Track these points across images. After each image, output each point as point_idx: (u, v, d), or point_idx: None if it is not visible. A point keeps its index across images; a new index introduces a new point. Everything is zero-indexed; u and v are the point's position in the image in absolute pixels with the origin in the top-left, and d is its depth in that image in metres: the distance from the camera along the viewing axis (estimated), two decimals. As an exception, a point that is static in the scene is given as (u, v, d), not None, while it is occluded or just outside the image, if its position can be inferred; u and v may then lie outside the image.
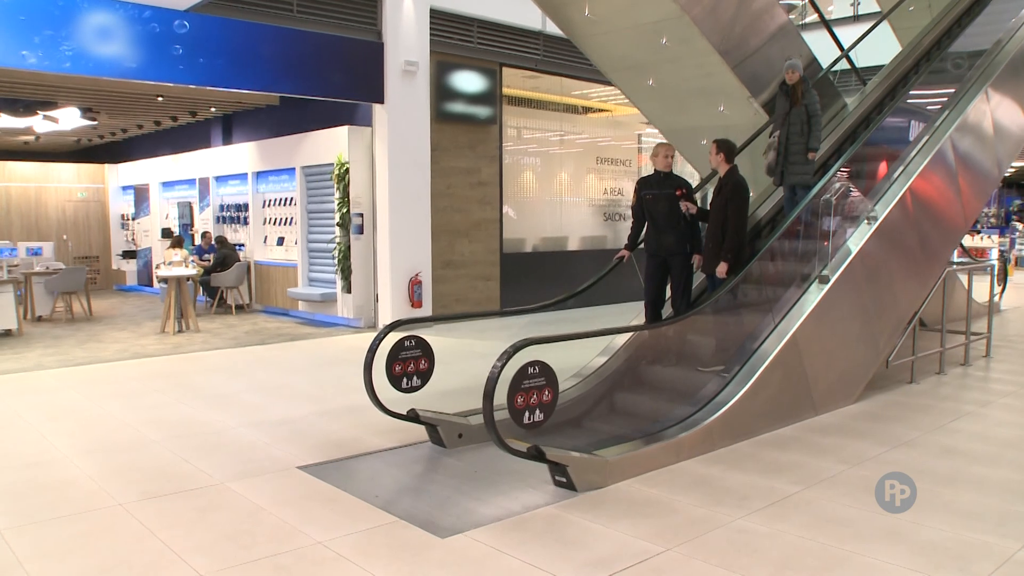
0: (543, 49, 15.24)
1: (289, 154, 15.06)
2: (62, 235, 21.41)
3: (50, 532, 4.93)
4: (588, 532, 4.81)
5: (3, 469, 6.14)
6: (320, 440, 6.79)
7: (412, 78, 12.89)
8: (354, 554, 4.52)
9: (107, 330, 13.62)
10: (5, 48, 9.58)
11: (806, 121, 8.50)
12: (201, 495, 5.54)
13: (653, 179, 7.80)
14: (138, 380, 9.47)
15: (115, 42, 10.42)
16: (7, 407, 8.16)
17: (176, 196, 19.47)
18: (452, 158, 13.95)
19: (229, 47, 11.29)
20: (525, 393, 5.24)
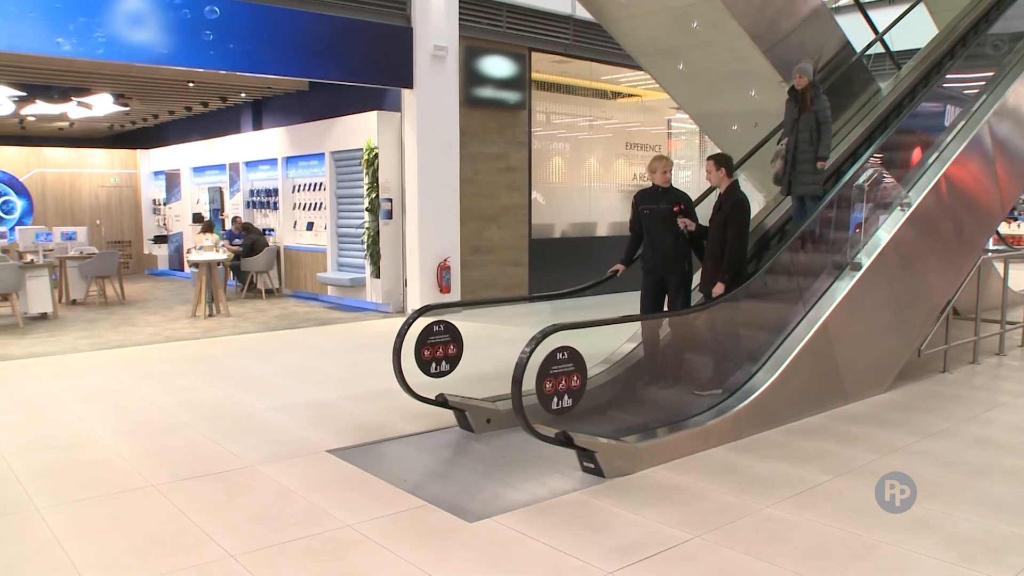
0: (573, 34, 15.16)
1: (318, 139, 15.12)
2: (95, 220, 21.64)
3: (85, 511, 5.01)
4: (616, 518, 4.81)
5: (40, 449, 6.25)
6: (349, 424, 6.84)
7: (441, 63, 12.87)
8: (382, 537, 4.56)
9: (139, 314, 13.78)
10: (41, 36, 9.71)
11: (815, 128, 8.19)
12: (232, 477, 5.60)
13: (651, 193, 7.54)
14: (170, 363, 9.58)
15: (147, 28, 10.51)
16: (43, 389, 8.28)
17: (207, 181, 19.61)
18: (481, 143, 13.94)
19: (259, 32, 11.33)
20: (554, 379, 5.24)
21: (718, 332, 7.42)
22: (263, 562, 4.25)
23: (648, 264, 7.53)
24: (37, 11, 9.62)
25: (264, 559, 4.28)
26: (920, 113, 9.70)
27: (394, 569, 4.17)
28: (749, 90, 9.81)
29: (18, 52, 10.26)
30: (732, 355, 7.25)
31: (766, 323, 7.47)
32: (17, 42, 9.70)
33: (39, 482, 5.53)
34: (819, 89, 8.32)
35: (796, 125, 8.29)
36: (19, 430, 6.80)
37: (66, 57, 10.22)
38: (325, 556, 4.34)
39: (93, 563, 4.28)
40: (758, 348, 7.11)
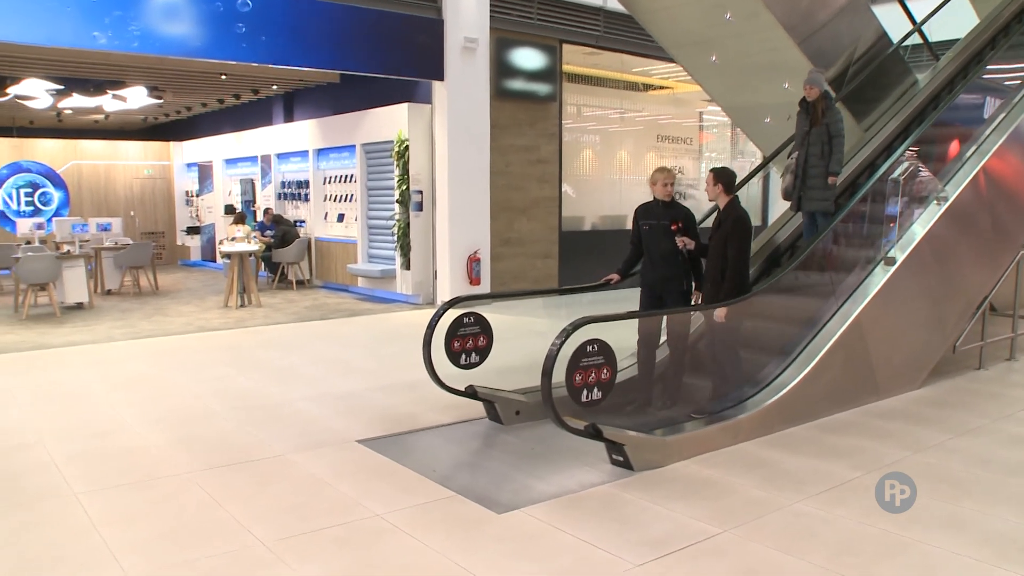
0: (604, 25, 15.09)
1: (349, 131, 15.17)
2: (130, 211, 21.90)
3: (120, 497, 5.09)
4: (644, 511, 4.80)
5: (76, 437, 6.34)
6: (379, 414, 6.88)
7: (472, 55, 12.86)
8: (412, 527, 4.58)
9: (172, 304, 13.92)
10: (77, 29, 9.84)
11: (827, 142, 7.86)
12: (263, 466, 5.65)
13: (652, 208, 7.12)
14: (202, 353, 9.67)
15: (180, 21, 10.61)
16: (78, 377, 8.40)
17: (239, 173, 19.75)
18: (511, 136, 13.93)
19: (291, 25, 11.39)
20: (583, 371, 5.24)
21: (729, 344, 7.01)
22: (294, 550, 4.29)
23: (647, 280, 7.15)
24: (74, 5, 9.75)
25: (295, 547, 4.33)
26: (959, 105, 9.51)
27: (423, 559, 4.20)
28: (783, 82, 9.69)
29: (56, 46, 10.39)
30: (740, 367, 7.00)
31: (797, 318, 7.42)
32: (55, 36, 9.84)
33: (76, 468, 5.61)
34: (832, 101, 8.08)
35: (807, 138, 7.99)
36: (56, 417, 6.91)
37: (102, 50, 10.36)
38: (355, 545, 4.37)
39: (128, 548, 4.34)
40: (787, 344, 7.06)
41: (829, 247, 7.74)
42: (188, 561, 4.19)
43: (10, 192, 20.78)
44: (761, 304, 7.37)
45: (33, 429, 6.59)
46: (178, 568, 4.11)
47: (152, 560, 4.21)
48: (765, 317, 7.54)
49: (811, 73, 8.07)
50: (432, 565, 4.13)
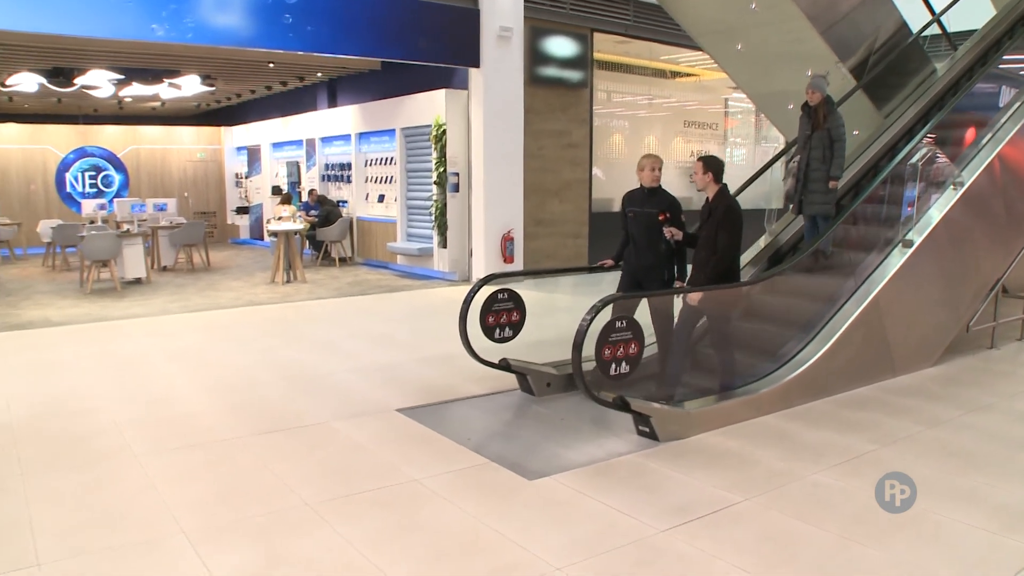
0: (633, 15, 14.94)
1: (390, 116, 15.17)
2: (184, 192, 22.09)
3: (176, 459, 5.16)
4: (669, 480, 4.79)
5: (135, 402, 6.44)
6: (417, 385, 6.90)
7: (507, 43, 12.79)
8: (448, 492, 4.61)
9: (223, 280, 14.05)
10: (137, 23, 9.93)
11: (828, 146, 7.66)
12: (308, 432, 5.70)
13: (637, 195, 6.71)
14: (251, 326, 9.76)
15: (231, 13, 10.66)
16: (137, 347, 8.51)
17: (285, 156, 19.83)
18: (544, 120, 13.85)
19: (335, 15, 11.38)
20: (612, 346, 5.22)
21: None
22: (336, 511, 4.33)
23: (629, 266, 6.76)
24: (134, 1, 9.85)
25: (337, 508, 4.36)
26: (975, 93, 9.34)
27: (458, 522, 4.22)
28: (805, 70, 9.52)
29: (118, 39, 10.53)
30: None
31: (817, 298, 7.35)
32: (117, 29, 9.95)
33: (136, 431, 5.70)
34: (833, 105, 7.88)
35: (809, 142, 7.80)
36: (118, 385, 7.01)
37: (159, 42, 10.43)
38: (394, 507, 4.40)
39: (184, 506, 4.41)
40: (807, 322, 7.00)
41: (849, 230, 7.65)
42: (239, 519, 4.24)
43: (76, 175, 21.06)
44: (782, 283, 7.33)
45: (97, 395, 6.69)
46: (230, 525, 4.17)
47: (206, 517, 4.27)
48: (785, 296, 7.49)
49: (813, 78, 7.89)
50: (467, 528, 4.15)
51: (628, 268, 6.76)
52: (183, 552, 3.89)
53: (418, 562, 3.78)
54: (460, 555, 3.85)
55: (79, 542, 4.01)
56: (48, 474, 4.94)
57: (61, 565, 3.78)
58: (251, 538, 4.03)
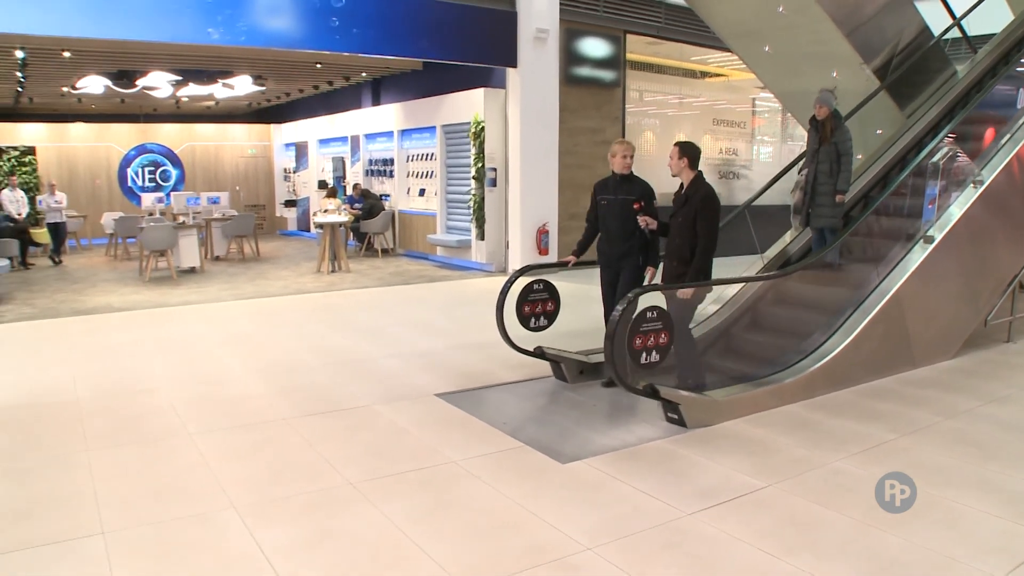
0: (664, 17, 14.80)
1: (431, 114, 15.19)
2: (235, 186, 22.32)
3: (229, 438, 5.22)
4: (696, 465, 4.76)
5: (190, 384, 6.52)
6: (455, 371, 6.92)
7: (543, 44, 12.74)
8: (484, 473, 4.61)
9: (272, 269, 14.17)
10: (194, 27, 10.08)
11: (835, 160, 7.45)
12: (352, 415, 5.74)
13: (610, 183, 6.37)
14: (298, 313, 9.83)
15: (282, 17, 10.76)
16: (192, 332, 8.62)
17: (331, 152, 19.94)
18: (578, 118, 13.78)
19: (379, 18, 11.41)
20: (643, 335, 5.19)
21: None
22: (378, 489, 4.35)
23: (603, 258, 6.40)
24: (192, 7, 9.99)
25: (379, 487, 4.39)
26: (995, 95, 9.15)
27: (494, 502, 4.22)
28: (831, 71, 9.41)
29: (177, 42, 10.67)
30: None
31: (839, 292, 7.28)
32: (176, 33, 10.10)
33: (190, 412, 5.77)
34: (841, 120, 7.65)
35: (816, 156, 7.59)
36: (173, 367, 7.11)
37: (215, 44, 10.55)
38: (433, 487, 4.42)
39: (235, 482, 4.46)
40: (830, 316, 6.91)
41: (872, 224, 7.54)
42: (286, 496, 4.28)
43: (136, 170, 21.36)
44: (805, 278, 7.25)
45: (155, 376, 6.79)
46: (278, 502, 4.21)
47: (255, 493, 4.31)
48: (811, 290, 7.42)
49: (821, 92, 7.68)
50: (502, 507, 4.15)
51: (603, 260, 6.43)
52: (233, 525, 3.94)
53: (455, 539, 3.79)
54: (495, 533, 3.86)
55: (138, 513, 4.08)
56: (110, 449, 5.03)
57: (122, 534, 3.85)
58: (297, 514, 4.07)
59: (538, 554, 3.65)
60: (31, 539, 3.80)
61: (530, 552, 3.67)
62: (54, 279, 12.98)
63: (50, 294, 11.32)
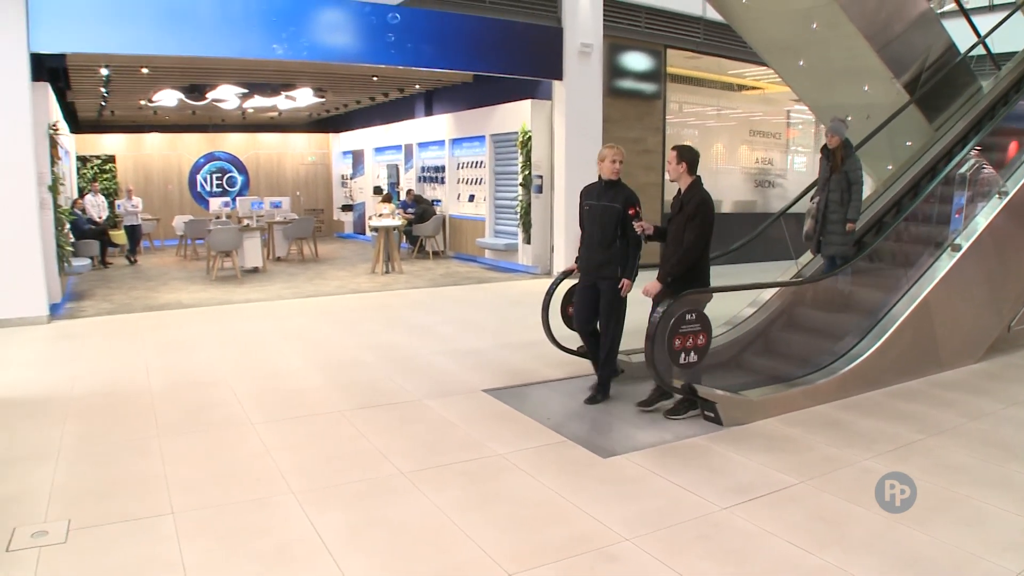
0: (703, 32, 14.67)
1: (480, 124, 15.23)
2: (296, 191, 22.60)
3: (289, 428, 5.29)
4: (731, 462, 4.71)
5: (253, 377, 6.63)
6: (502, 368, 6.92)
7: (587, 58, 12.71)
8: (528, 466, 4.61)
9: (329, 269, 14.32)
10: (260, 43, 10.25)
11: (846, 189, 7.19)
12: (403, 408, 5.78)
13: (594, 188, 5.93)
14: (354, 311, 9.93)
15: (342, 34, 10.89)
16: (255, 329, 8.75)
17: (386, 159, 20.08)
18: (621, 129, 13.72)
19: (432, 34, 11.48)
20: (682, 337, 5.16)
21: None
22: (428, 480, 4.38)
23: (582, 264, 5.95)
24: (259, 25, 10.16)
25: (429, 477, 4.41)
26: (1020, 109, 8.93)
27: (538, 494, 4.22)
28: (863, 85, 9.26)
29: (244, 58, 10.86)
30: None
31: (870, 297, 7.14)
32: (244, 49, 10.27)
33: (253, 403, 5.87)
34: (852, 149, 7.38)
35: (828, 184, 7.35)
36: (238, 361, 7.23)
37: (279, 59, 10.72)
38: (480, 478, 4.43)
39: (294, 470, 4.52)
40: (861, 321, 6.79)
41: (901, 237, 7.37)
42: (341, 484, 4.33)
43: (205, 176, 21.75)
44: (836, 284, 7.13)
45: (221, 368, 6.91)
46: (333, 489, 4.26)
47: (312, 481, 4.37)
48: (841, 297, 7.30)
49: (833, 122, 7.43)
50: (545, 499, 4.15)
51: (582, 267, 5.97)
52: (292, 510, 3.99)
53: (501, 528, 3.80)
54: (539, 523, 3.86)
55: (204, 496, 4.16)
56: (179, 436, 5.13)
57: (190, 515, 3.92)
58: (351, 501, 4.11)
59: (579, 544, 3.64)
60: (109, 516, 3.90)
61: (572, 542, 3.66)
62: (129, 277, 13.27)
63: (126, 291, 11.58)
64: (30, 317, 8.94)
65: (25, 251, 8.87)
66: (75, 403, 5.90)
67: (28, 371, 6.92)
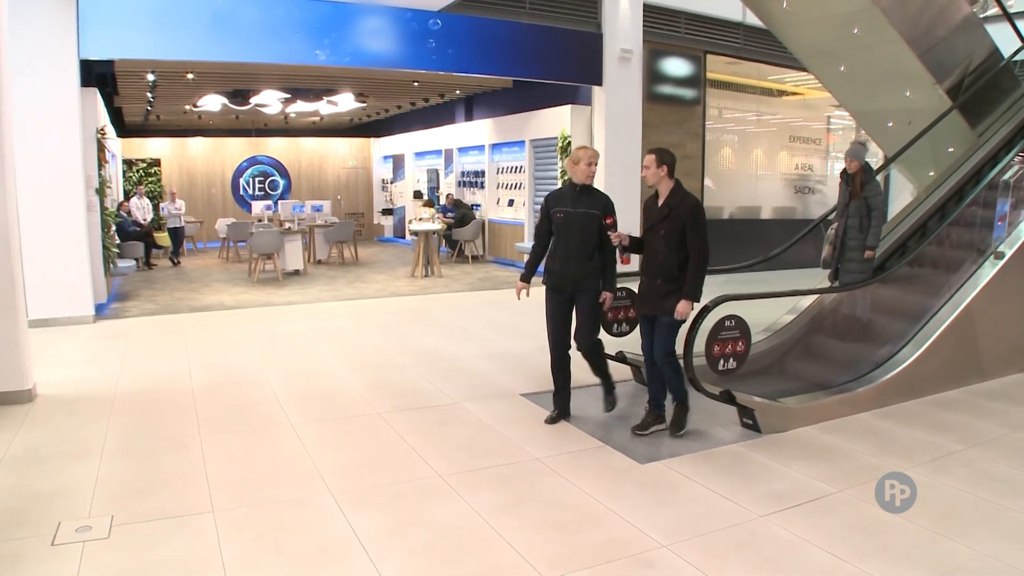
0: (743, 38, 14.56)
1: (520, 129, 15.26)
2: (337, 195, 22.84)
3: (326, 429, 5.35)
4: (768, 469, 4.67)
5: (294, 378, 6.71)
6: (540, 372, 6.90)
7: (627, 64, 12.68)
8: (565, 471, 4.61)
9: (369, 273, 14.43)
10: (304, 49, 10.38)
11: (866, 215, 6.90)
12: (441, 411, 5.81)
13: (567, 194, 5.42)
14: (393, 314, 10.00)
15: (383, 40, 10.98)
16: (295, 330, 8.86)
17: (426, 164, 20.20)
18: (660, 134, 13.64)
19: (473, 39, 11.54)
20: (721, 343, 5.12)
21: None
22: (465, 482, 4.40)
23: (555, 279, 5.36)
24: (302, 31, 10.29)
25: (466, 480, 4.43)
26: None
27: (575, 498, 4.22)
28: (904, 90, 9.12)
29: (287, 63, 11.00)
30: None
31: (910, 304, 7.04)
32: (287, 55, 10.40)
33: (292, 403, 5.94)
34: (872, 174, 7.09)
35: (847, 210, 7.08)
36: (279, 362, 7.32)
37: (321, 65, 10.85)
38: (517, 482, 4.44)
39: (333, 470, 4.57)
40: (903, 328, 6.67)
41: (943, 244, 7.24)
42: (378, 485, 4.36)
43: (248, 180, 22.10)
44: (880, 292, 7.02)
45: (262, 369, 7.01)
46: (370, 490, 4.30)
47: (350, 481, 4.41)
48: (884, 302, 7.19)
49: (853, 145, 7.21)
50: (582, 504, 4.15)
51: (553, 282, 5.38)
52: (330, 510, 4.03)
53: (537, 531, 3.80)
54: (575, 527, 3.85)
55: (244, 494, 4.23)
56: (220, 435, 5.22)
57: (229, 513, 3.99)
58: (389, 502, 4.15)
59: (615, 549, 3.63)
60: (150, 513, 3.98)
61: (608, 547, 3.65)
62: (173, 278, 13.52)
63: (169, 292, 11.80)
64: (76, 317, 9.16)
65: (73, 252, 9.10)
66: (119, 401, 6.03)
67: (74, 369, 7.08)
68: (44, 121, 8.83)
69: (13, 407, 5.83)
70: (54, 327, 8.88)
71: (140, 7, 9.35)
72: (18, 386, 5.99)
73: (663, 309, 5.06)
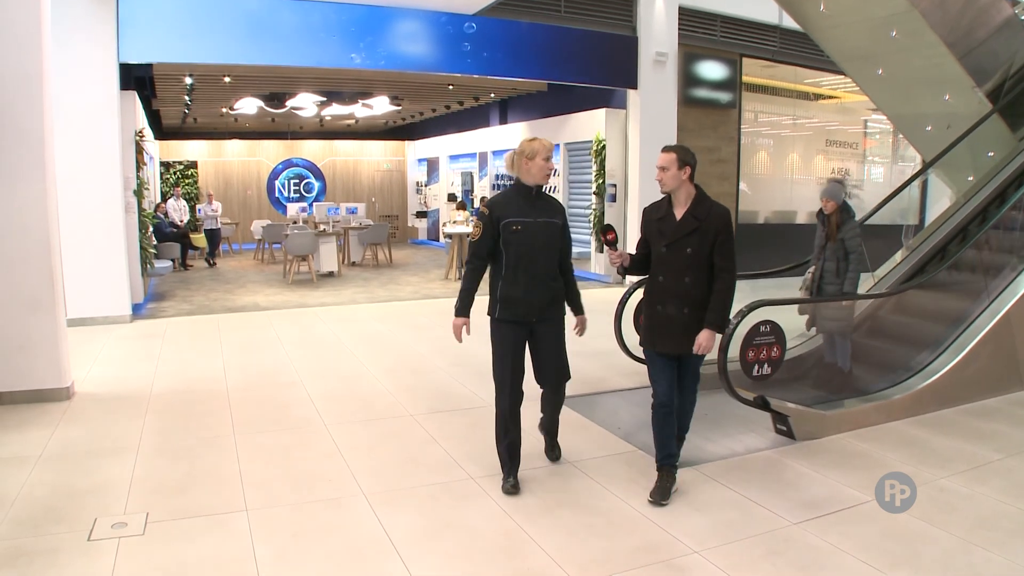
0: (779, 41, 14.45)
1: (554, 132, 15.26)
2: (371, 198, 23.02)
3: (360, 430, 5.41)
4: (803, 476, 4.63)
5: (327, 378, 6.79)
6: (573, 376, 6.83)
7: (662, 67, 12.65)
8: (598, 475, 4.63)
9: (403, 275, 14.53)
10: (339, 53, 10.50)
11: (843, 258, 6.34)
12: (474, 414, 5.84)
13: (518, 200, 4.45)
14: (426, 316, 10.06)
15: (418, 43, 11.07)
16: (330, 331, 8.95)
17: (460, 167, 20.29)
18: (695, 138, 13.59)
19: (508, 43, 11.59)
20: (756, 348, 5.10)
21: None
22: (498, 485, 4.42)
23: (520, 309, 4.48)
24: (337, 35, 10.41)
25: (499, 483, 4.45)
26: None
27: (606, 502, 4.23)
28: (943, 94, 8.98)
29: (323, 67, 11.18)
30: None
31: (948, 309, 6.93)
32: (323, 59, 10.54)
33: (326, 404, 6.02)
34: (850, 214, 6.45)
35: (823, 253, 6.52)
36: (313, 363, 7.41)
37: (356, 68, 10.97)
38: (549, 485, 4.46)
39: (365, 471, 4.62)
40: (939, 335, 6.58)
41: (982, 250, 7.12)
42: (411, 487, 4.41)
43: (283, 182, 22.37)
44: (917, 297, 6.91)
45: (296, 370, 7.10)
46: (403, 492, 4.34)
47: (383, 483, 4.46)
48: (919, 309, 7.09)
49: (829, 184, 6.61)
50: (614, 508, 4.16)
51: (514, 313, 4.52)
52: (363, 511, 4.08)
53: (569, 535, 3.82)
54: (607, 532, 3.86)
55: (278, 494, 4.29)
56: (255, 435, 5.30)
57: (263, 512, 4.05)
58: (421, 503, 4.19)
59: (647, 554, 3.64)
60: (185, 511, 4.06)
61: (640, 552, 3.66)
62: (208, 279, 13.72)
63: (205, 293, 11.98)
64: (114, 316, 9.35)
65: (111, 253, 9.29)
66: (155, 400, 6.15)
67: (111, 368, 7.23)
68: (84, 123, 9.04)
69: (52, 404, 5.97)
70: (92, 326, 9.06)
71: (179, 12, 9.54)
72: (57, 384, 6.13)
73: (683, 348, 4.25)
